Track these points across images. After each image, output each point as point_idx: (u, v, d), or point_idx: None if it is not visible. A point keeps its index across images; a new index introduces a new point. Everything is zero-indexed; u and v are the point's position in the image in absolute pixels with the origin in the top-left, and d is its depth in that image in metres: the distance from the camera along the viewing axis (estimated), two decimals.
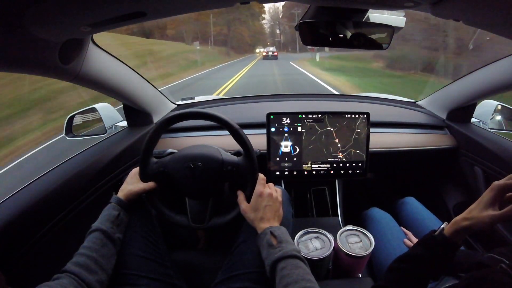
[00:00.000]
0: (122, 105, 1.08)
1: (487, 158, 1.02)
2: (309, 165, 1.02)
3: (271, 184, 0.70)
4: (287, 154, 1.01)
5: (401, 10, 0.79)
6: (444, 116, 1.22)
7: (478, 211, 0.50)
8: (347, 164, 1.03)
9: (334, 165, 1.02)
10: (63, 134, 1.03)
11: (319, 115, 1.00)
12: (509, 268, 0.43)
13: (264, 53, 22.28)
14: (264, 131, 1.00)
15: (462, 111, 1.16)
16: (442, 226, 0.55)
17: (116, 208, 0.65)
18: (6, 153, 4.13)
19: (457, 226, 0.52)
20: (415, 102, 1.40)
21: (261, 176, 0.69)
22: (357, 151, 1.02)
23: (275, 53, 22.04)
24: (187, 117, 0.69)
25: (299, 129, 1.00)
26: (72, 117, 1.04)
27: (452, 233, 0.52)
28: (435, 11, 0.53)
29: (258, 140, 0.95)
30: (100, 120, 1.05)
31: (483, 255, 0.55)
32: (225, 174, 0.70)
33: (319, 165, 1.02)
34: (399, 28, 0.75)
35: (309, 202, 1.26)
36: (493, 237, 0.96)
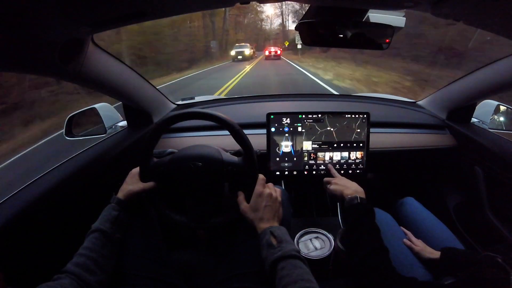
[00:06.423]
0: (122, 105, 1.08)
1: (487, 158, 1.02)
2: None
3: (270, 184, 0.70)
4: (287, 154, 1.01)
5: (401, 10, 0.79)
6: (444, 116, 1.22)
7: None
8: (347, 164, 1.02)
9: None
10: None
11: (319, 115, 0.99)
12: (504, 262, 0.44)
13: (267, 53, 20.54)
14: (264, 131, 1.00)
15: (462, 111, 1.16)
16: (358, 198, 0.78)
17: (115, 209, 0.65)
18: None
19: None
20: (415, 102, 1.40)
21: (261, 176, 0.69)
22: (357, 151, 1.02)
23: (278, 53, 20.28)
24: (187, 117, 0.69)
25: (299, 129, 1.00)
26: (72, 117, 1.03)
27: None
28: (435, 11, 0.53)
29: (258, 140, 0.95)
30: (100, 120, 1.05)
31: (480, 254, 0.56)
32: (225, 174, 0.70)
33: None
34: (399, 28, 0.76)
35: (309, 202, 1.26)
36: (492, 235, 0.96)
